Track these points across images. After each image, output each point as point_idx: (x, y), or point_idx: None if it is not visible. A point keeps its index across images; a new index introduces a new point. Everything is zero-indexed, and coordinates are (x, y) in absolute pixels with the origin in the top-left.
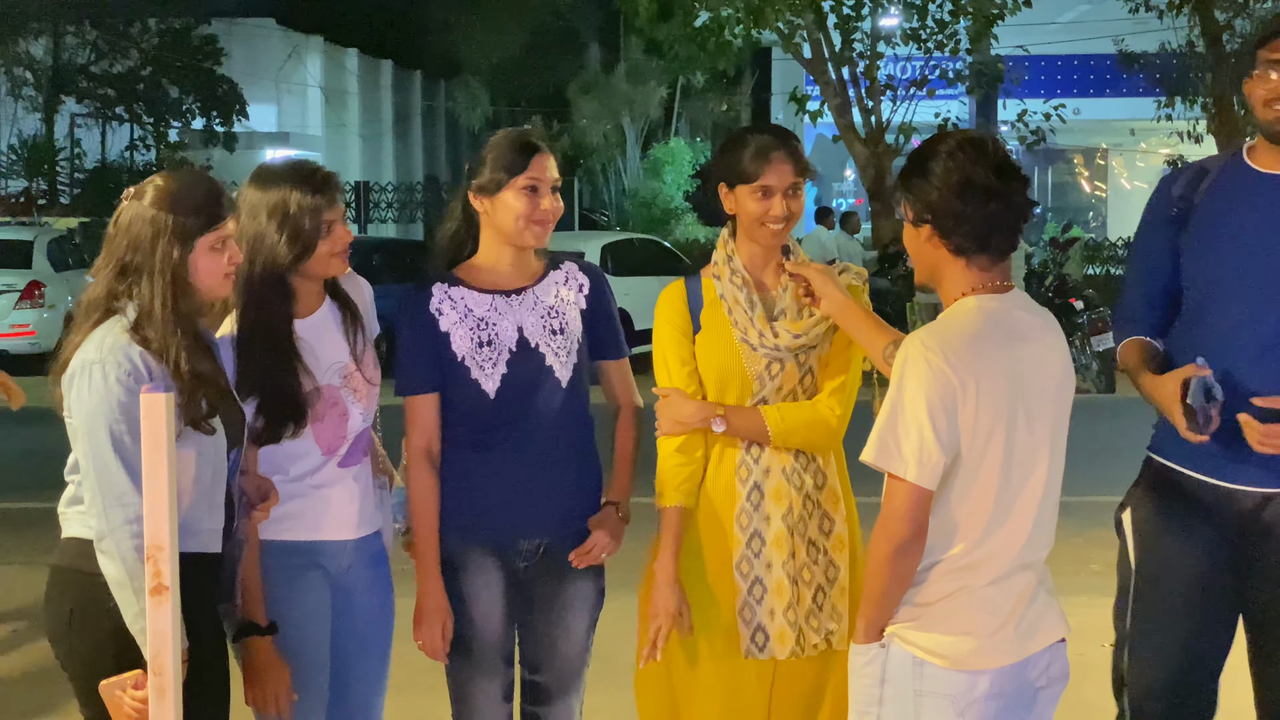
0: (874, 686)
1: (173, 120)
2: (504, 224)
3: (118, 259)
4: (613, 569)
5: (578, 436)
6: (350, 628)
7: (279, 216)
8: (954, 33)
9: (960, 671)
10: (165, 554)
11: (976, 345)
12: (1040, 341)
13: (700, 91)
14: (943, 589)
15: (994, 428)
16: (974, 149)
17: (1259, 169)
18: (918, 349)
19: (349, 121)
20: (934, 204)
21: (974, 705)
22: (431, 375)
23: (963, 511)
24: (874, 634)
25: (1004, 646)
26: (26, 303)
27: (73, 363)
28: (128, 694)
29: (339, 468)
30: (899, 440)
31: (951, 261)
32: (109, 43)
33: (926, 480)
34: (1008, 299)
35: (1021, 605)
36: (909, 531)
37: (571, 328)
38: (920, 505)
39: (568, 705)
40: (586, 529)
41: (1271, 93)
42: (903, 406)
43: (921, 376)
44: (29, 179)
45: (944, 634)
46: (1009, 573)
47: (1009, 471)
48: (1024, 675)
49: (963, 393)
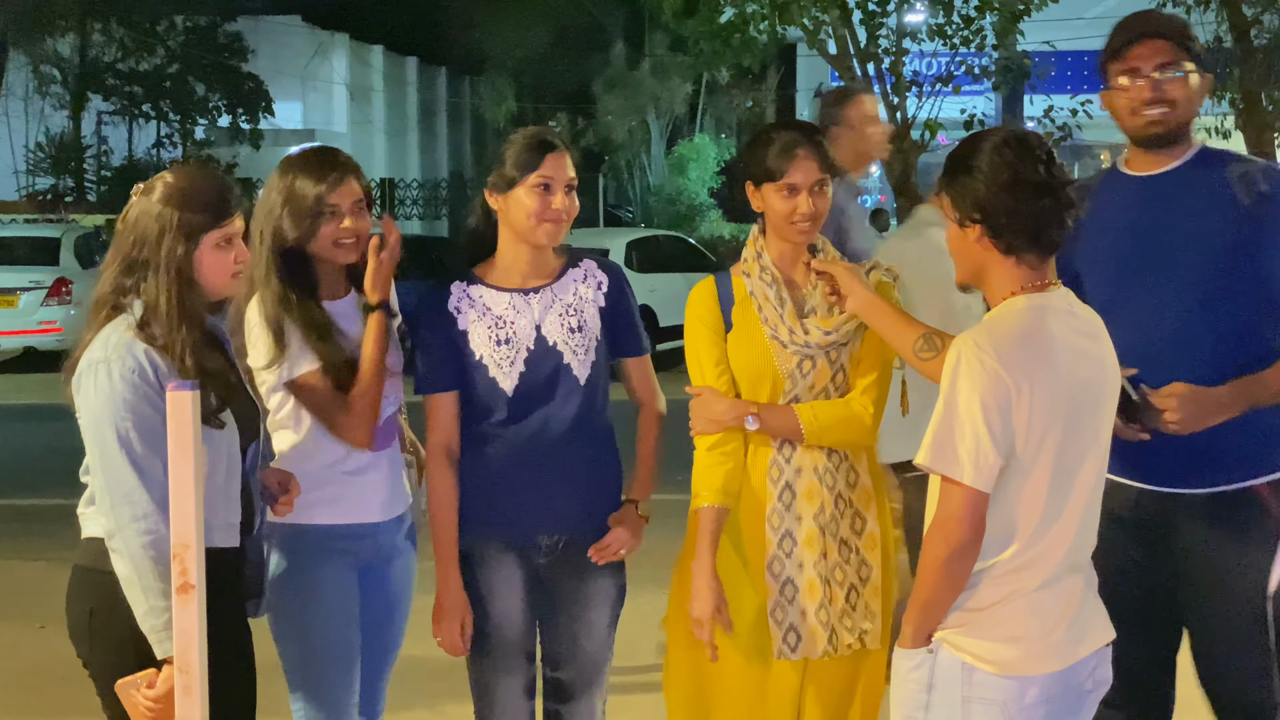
0: (921, 692)
1: (199, 117)
2: (517, 221)
3: (125, 255)
4: (636, 566)
5: (596, 434)
6: (372, 609)
7: (284, 198)
8: (980, 28)
9: (1011, 678)
10: (192, 552)
11: (1029, 345)
12: (1088, 339)
13: (725, 87)
14: (995, 594)
15: (1047, 428)
16: (1020, 145)
17: (1129, 173)
18: (971, 350)
19: (374, 118)
20: (984, 202)
21: (1024, 711)
22: (450, 374)
23: (1017, 514)
24: (922, 639)
25: (1054, 652)
26: (54, 300)
27: (80, 362)
28: (141, 693)
29: (371, 453)
30: (955, 443)
31: (1001, 261)
32: (135, 40)
33: (983, 483)
34: (1055, 296)
35: (1072, 609)
36: (966, 535)
37: (590, 325)
38: (977, 509)
39: (590, 702)
40: (606, 525)
41: (1135, 100)
42: (957, 409)
43: (975, 378)
44: (56, 176)
45: (995, 640)
46: (1058, 575)
47: (1061, 472)
48: (1073, 680)
49: (1017, 394)
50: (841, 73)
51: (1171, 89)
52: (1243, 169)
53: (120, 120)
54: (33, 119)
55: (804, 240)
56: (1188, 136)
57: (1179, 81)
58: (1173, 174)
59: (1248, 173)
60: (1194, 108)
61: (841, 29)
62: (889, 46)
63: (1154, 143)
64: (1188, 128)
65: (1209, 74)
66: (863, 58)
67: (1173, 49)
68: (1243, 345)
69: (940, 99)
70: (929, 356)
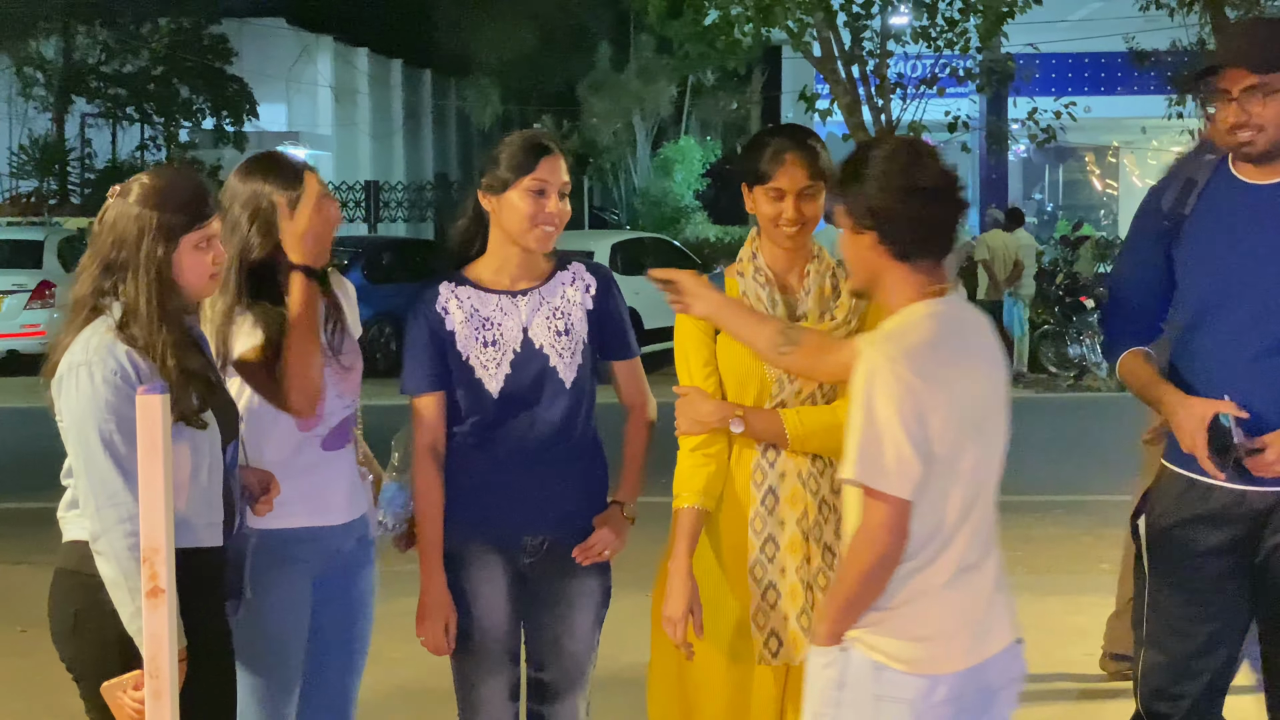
0: (832, 690)
1: (183, 120)
2: (509, 224)
3: (103, 256)
4: (620, 569)
5: (582, 436)
6: (332, 611)
7: (250, 211)
8: (964, 31)
9: (920, 676)
10: (162, 556)
11: (937, 353)
12: (986, 340)
13: (710, 90)
14: (905, 594)
15: (960, 431)
16: (912, 152)
17: (1245, 180)
18: (883, 362)
19: (359, 121)
20: (877, 209)
21: (932, 709)
22: (436, 375)
23: (932, 518)
24: (836, 638)
25: (962, 650)
26: (37, 303)
27: (60, 365)
28: (128, 695)
29: (324, 450)
30: (879, 455)
31: (896, 267)
32: (119, 42)
33: (908, 492)
34: (952, 301)
35: (980, 608)
36: (893, 544)
37: (577, 329)
38: (903, 517)
39: (573, 704)
40: (591, 527)
41: (1234, 119)
42: (877, 422)
43: (891, 390)
44: (40, 179)
45: (904, 639)
46: (962, 574)
47: (974, 473)
48: (982, 678)
49: (932, 402)
50: (826, 75)
51: (1259, 112)
52: None
53: (104, 123)
54: (16, 121)
55: (793, 245)
56: None
57: (1270, 104)
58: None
59: None
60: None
61: (826, 31)
62: (873, 49)
63: (1253, 160)
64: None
65: None
66: (847, 60)
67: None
68: None
69: (925, 101)
70: (788, 351)
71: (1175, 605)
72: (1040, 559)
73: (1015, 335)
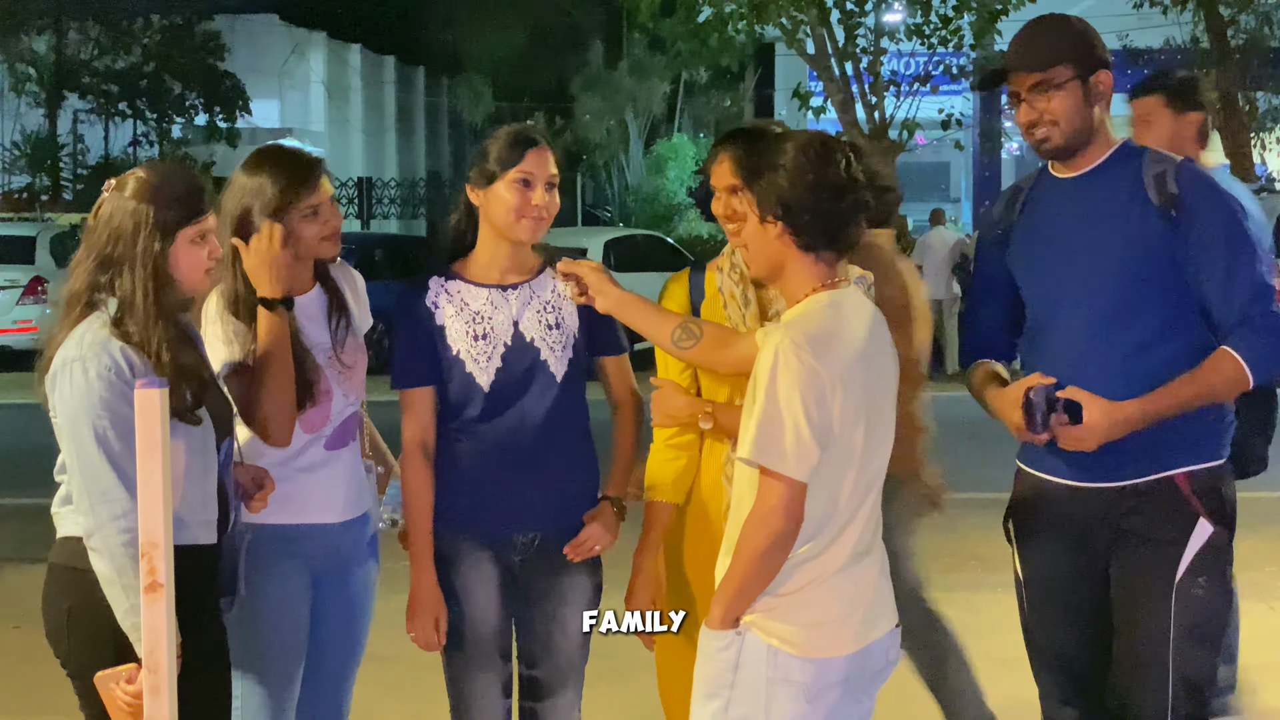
0: (727, 672)
1: (176, 116)
2: (496, 216)
3: (98, 251)
4: (610, 566)
5: (572, 431)
6: (330, 610)
7: (262, 202)
8: (958, 28)
9: (812, 660)
10: (160, 551)
11: (838, 341)
12: (878, 333)
13: (703, 87)
14: (799, 580)
15: (856, 418)
16: (823, 147)
17: (1057, 175)
18: (788, 347)
19: (352, 117)
20: (786, 200)
21: (823, 692)
22: (427, 369)
23: (830, 502)
24: (730, 621)
25: (852, 635)
26: (30, 299)
27: (54, 361)
28: (120, 687)
29: (326, 450)
30: (778, 437)
31: (800, 257)
32: (112, 38)
33: (804, 475)
34: (850, 293)
35: (868, 593)
36: (787, 526)
37: (567, 323)
38: (798, 499)
39: (565, 700)
40: (582, 523)
41: (1025, 118)
42: (779, 404)
43: (794, 374)
44: (32, 175)
45: (798, 624)
46: (853, 561)
47: (866, 461)
48: (868, 661)
49: (831, 388)
50: (819, 72)
51: (1047, 107)
52: (1158, 167)
53: (96, 118)
54: (8, 117)
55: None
56: (1094, 139)
57: (1056, 98)
58: (1089, 176)
59: (1162, 172)
60: (1083, 116)
61: (819, 29)
62: (867, 46)
63: (1055, 156)
64: (1086, 134)
65: (1102, 70)
66: (841, 57)
67: (1041, 68)
68: (1152, 354)
69: (918, 99)
70: (689, 345)
71: (1050, 610)
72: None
73: None
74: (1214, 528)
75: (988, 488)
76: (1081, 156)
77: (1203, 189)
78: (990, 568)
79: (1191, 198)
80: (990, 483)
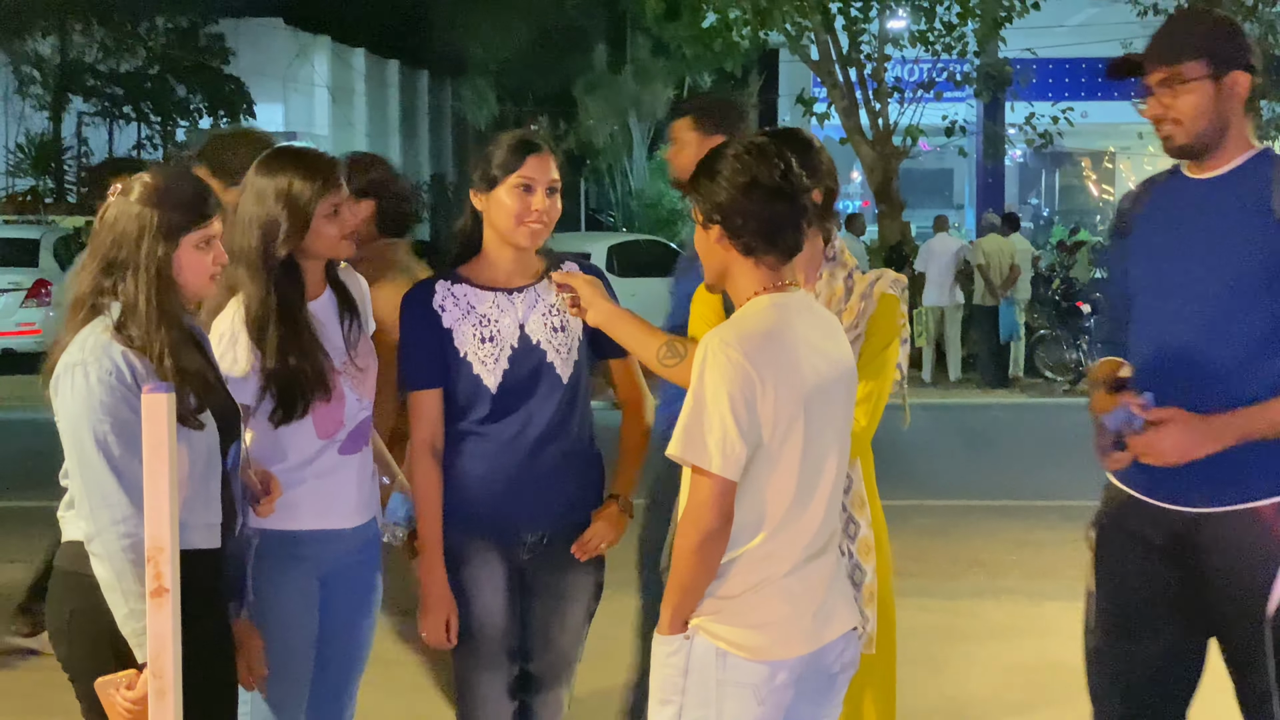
0: (677, 676)
1: (180, 119)
2: (497, 221)
3: (103, 255)
4: (612, 569)
5: (578, 432)
6: (336, 613)
7: (284, 200)
8: (962, 35)
9: (761, 662)
10: (166, 555)
11: (772, 340)
12: (827, 338)
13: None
14: (744, 582)
15: (792, 420)
16: (760, 152)
17: (1188, 175)
18: (717, 346)
19: (356, 121)
20: (722, 204)
21: (774, 694)
22: (434, 371)
23: (766, 503)
24: (679, 625)
25: (802, 636)
26: (33, 301)
27: (57, 365)
28: (121, 693)
29: (340, 455)
30: (703, 434)
31: (741, 261)
32: (116, 41)
33: (730, 472)
34: (796, 296)
35: (819, 594)
36: (715, 522)
37: (572, 326)
38: (725, 496)
39: (557, 695)
40: (589, 522)
41: (1152, 113)
42: (705, 401)
43: (722, 371)
44: (36, 177)
45: (746, 626)
46: (804, 562)
47: (806, 462)
48: (821, 662)
49: (761, 386)
50: (823, 78)
51: (1172, 104)
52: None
53: (101, 121)
54: (12, 120)
55: None
56: (1225, 142)
57: (1182, 95)
58: (1219, 180)
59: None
60: (1210, 117)
61: (824, 34)
62: (871, 52)
63: (1178, 155)
64: (1213, 136)
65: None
66: (845, 63)
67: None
68: (1253, 370)
69: (922, 105)
70: (673, 363)
71: (1117, 623)
72: (1036, 563)
73: (1011, 340)
74: None
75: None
76: (1212, 159)
77: None
78: (993, 574)
79: None
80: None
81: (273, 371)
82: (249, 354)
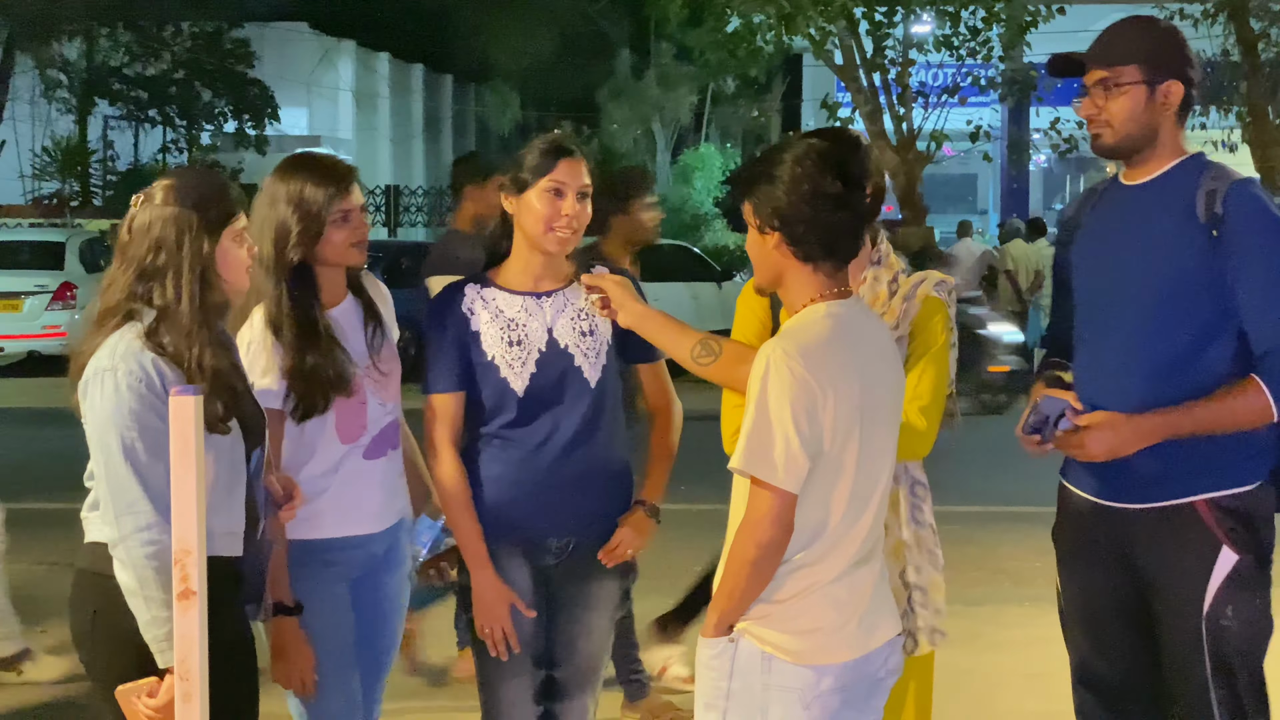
0: (722, 680)
1: (205, 123)
2: (527, 225)
3: (138, 262)
4: (644, 575)
5: (606, 436)
6: (362, 614)
7: (295, 204)
8: (987, 40)
9: (807, 667)
10: (193, 558)
11: (832, 351)
12: (881, 345)
13: (731, 98)
14: (794, 587)
15: (850, 429)
16: (820, 157)
17: (1124, 182)
18: (780, 357)
19: (379, 125)
20: (783, 211)
21: (819, 699)
22: (459, 374)
23: (821, 513)
24: (724, 629)
25: (848, 642)
26: (59, 304)
27: (87, 369)
28: (142, 700)
29: (364, 460)
30: (768, 447)
31: (799, 268)
32: (142, 45)
33: (793, 485)
34: (851, 304)
35: (865, 601)
36: (776, 535)
37: (601, 330)
38: (787, 509)
39: (583, 702)
40: (615, 527)
41: (1084, 112)
42: (769, 414)
43: (785, 384)
44: (62, 180)
45: (793, 631)
46: (851, 569)
47: (862, 471)
48: (866, 668)
49: (823, 398)
50: (847, 83)
51: (1104, 106)
52: (1212, 184)
53: (126, 125)
54: (39, 123)
55: None
56: (1156, 148)
57: (1115, 98)
58: (1148, 185)
59: (1214, 189)
60: (1140, 121)
61: (848, 39)
62: (895, 57)
63: (1105, 155)
64: (1141, 140)
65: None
66: (869, 68)
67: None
68: (1183, 372)
69: (946, 110)
70: (707, 362)
71: (1086, 625)
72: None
73: (1037, 345)
74: (1239, 555)
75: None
76: (1144, 165)
77: (1249, 212)
78: (1019, 582)
79: (1235, 219)
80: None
81: (291, 369)
82: (273, 360)
